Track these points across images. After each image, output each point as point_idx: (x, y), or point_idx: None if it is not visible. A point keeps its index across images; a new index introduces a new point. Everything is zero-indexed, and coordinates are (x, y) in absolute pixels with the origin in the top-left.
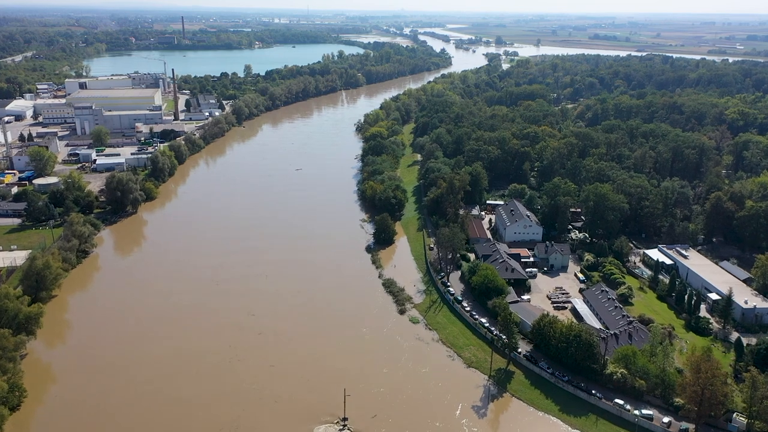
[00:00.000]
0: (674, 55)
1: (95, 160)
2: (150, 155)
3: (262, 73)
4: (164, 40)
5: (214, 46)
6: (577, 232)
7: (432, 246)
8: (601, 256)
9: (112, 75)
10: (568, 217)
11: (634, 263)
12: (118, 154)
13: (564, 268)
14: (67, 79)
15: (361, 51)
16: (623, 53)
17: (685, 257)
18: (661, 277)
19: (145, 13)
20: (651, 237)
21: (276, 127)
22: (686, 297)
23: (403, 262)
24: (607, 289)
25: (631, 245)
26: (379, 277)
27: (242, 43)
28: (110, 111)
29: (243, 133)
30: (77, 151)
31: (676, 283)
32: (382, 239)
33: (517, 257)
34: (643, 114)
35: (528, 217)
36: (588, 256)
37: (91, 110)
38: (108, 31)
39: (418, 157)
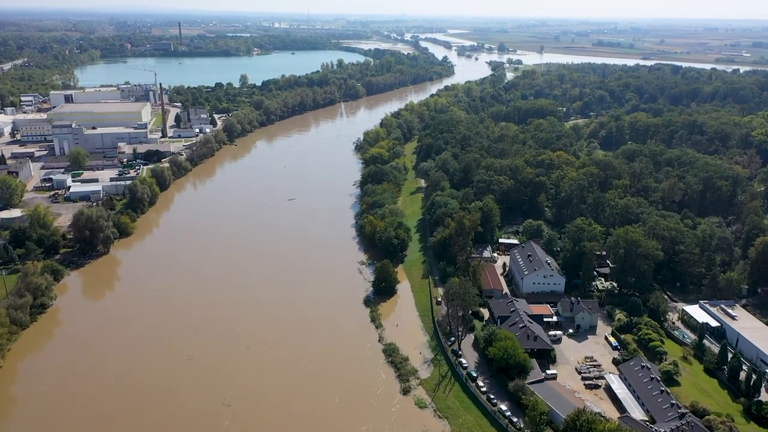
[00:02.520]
0: (683, 65)
1: (70, 187)
2: (128, 184)
3: (259, 83)
4: (160, 46)
5: (211, 53)
6: (603, 280)
7: (439, 300)
8: (634, 315)
9: (101, 86)
10: (594, 266)
11: (672, 323)
12: (96, 180)
13: (592, 329)
14: (52, 92)
15: (362, 59)
16: (629, 61)
17: (733, 317)
18: (706, 343)
19: (144, 16)
20: (687, 286)
21: (270, 145)
22: (742, 374)
23: (407, 320)
24: (648, 365)
25: (666, 296)
26: (379, 340)
27: (240, 50)
28: (93, 129)
29: (234, 152)
30: (51, 176)
31: (728, 353)
32: (383, 289)
33: (539, 319)
34: (662, 134)
35: (548, 264)
36: (620, 315)
37: (70, 129)
38: (104, 37)
39: (422, 182)
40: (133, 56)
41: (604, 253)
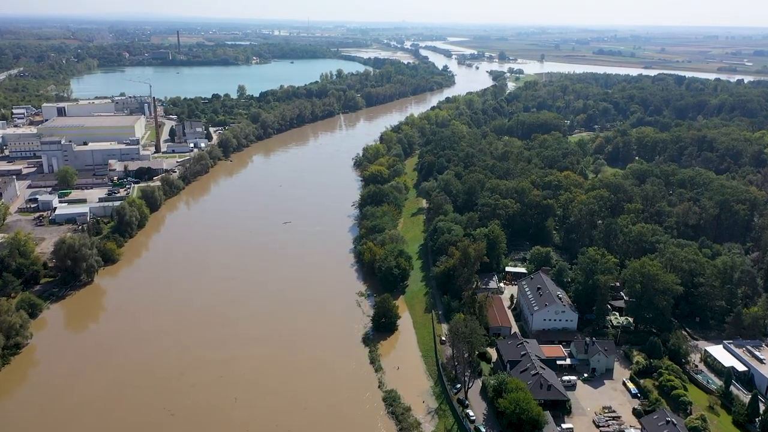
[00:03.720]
0: (686, 74)
1: (56, 208)
2: (116, 206)
3: (257, 94)
4: (158, 55)
5: (209, 62)
6: (617, 315)
7: (444, 338)
8: (653, 357)
9: (96, 98)
10: (608, 299)
11: (695, 365)
12: (84, 200)
13: (609, 373)
14: (45, 104)
15: (361, 68)
16: (631, 71)
17: (761, 361)
18: (734, 390)
19: (144, 24)
20: (707, 321)
21: (267, 160)
22: None
23: (409, 361)
24: (673, 419)
25: (686, 333)
26: (379, 386)
27: (239, 59)
28: (84, 144)
29: (230, 169)
30: (37, 197)
31: (759, 404)
32: (383, 325)
33: (551, 363)
34: (671, 150)
35: (560, 299)
36: (638, 357)
37: (59, 145)
38: (102, 46)
39: (423, 202)
40: (131, 65)
41: (617, 284)
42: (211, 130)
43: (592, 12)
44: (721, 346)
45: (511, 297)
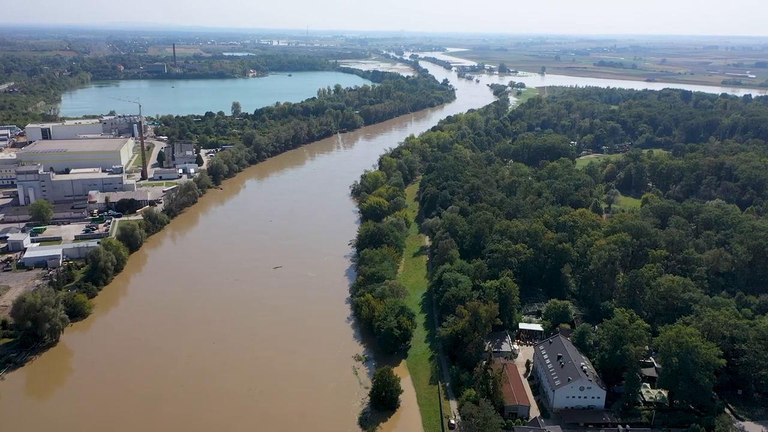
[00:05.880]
0: (691, 89)
1: (26, 249)
2: (90, 251)
3: (252, 111)
4: (153, 68)
5: (205, 75)
6: (649, 387)
7: (452, 421)
8: None
9: (84, 117)
10: (640, 374)
11: None
12: (59, 239)
13: None
14: (29, 125)
15: (360, 81)
16: (634, 84)
17: None
18: None
19: (142, 33)
20: (751, 394)
21: (259, 188)
22: None
23: None
24: None
25: (729, 411)
26: None
27: (235, 72)
28: (65, 171)
29: (220, 197)
30: (7, 235)
31: None
32: (383, 400)
33: None
34: (688, 178)
35: (584, 371)
36: None
37: (36, 175)
38: (97, 58)
39: (426, 240)
40: (125, 78)
41: (647, 347)
42: (203, 152)
43: (590, 20)
44: None
45: (527, 363)
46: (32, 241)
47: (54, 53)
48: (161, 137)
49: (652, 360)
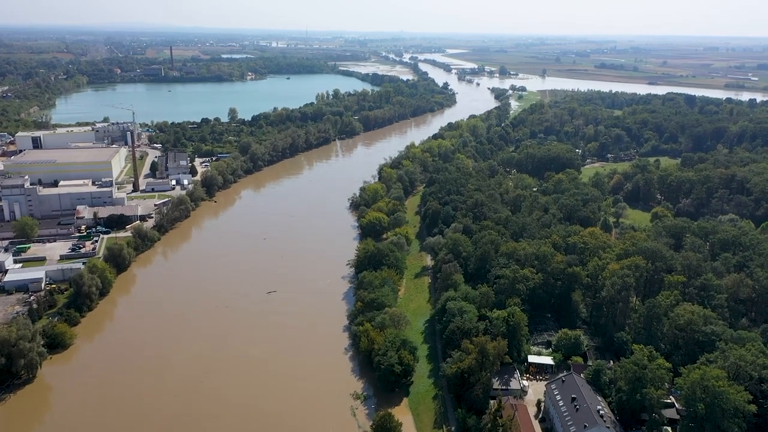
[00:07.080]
0: (695, 92)
1: (6, 271)
2: (74, 275)
3: (249, 116)
4: (150, 71)
5: (203, 78)
6: (670, 430)
7: None
8: None
9: (77, 124)
10: (661, 417)
11: None
12: (43, 259)
13: None
14: (19, 133)
15: (359, 85)
16: (636, 86)
17: None
18: None
19: (141, 35)
20: None
21: (254, 200)
22: None
23: None
24: None
25: None
26: None
27: (234, 75)
28: (54, 184)
29: (214, 210)
30: None
31: None
32: None
33: None
34: (698, 191)
35: (601, 416)
36: None
37: (22, 189)
38: (93, 61)
39: (428, 260)
40: (122, 82)
41: (666, 385)
42: (198, 161)
43: (589, 21)
44: None
45: (538, 403)
46: (15, 261)
47: (51, 55)
48: (155, 145)
49: (672, 399)
